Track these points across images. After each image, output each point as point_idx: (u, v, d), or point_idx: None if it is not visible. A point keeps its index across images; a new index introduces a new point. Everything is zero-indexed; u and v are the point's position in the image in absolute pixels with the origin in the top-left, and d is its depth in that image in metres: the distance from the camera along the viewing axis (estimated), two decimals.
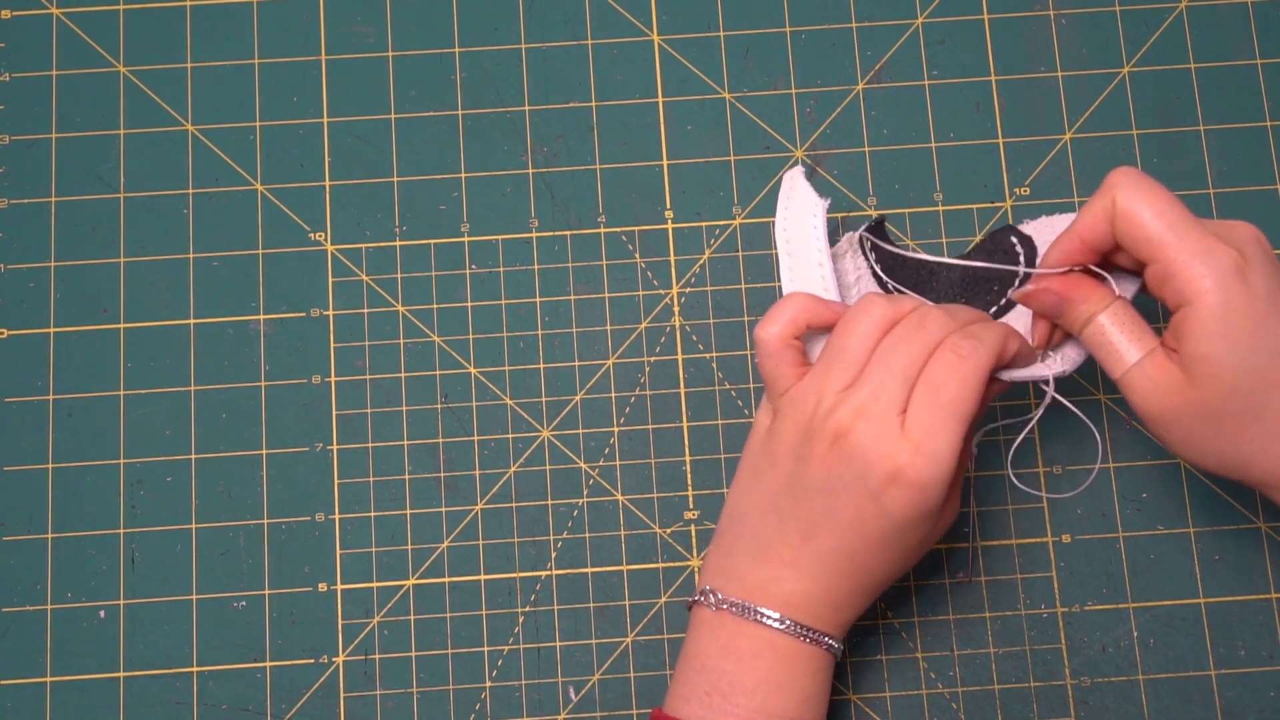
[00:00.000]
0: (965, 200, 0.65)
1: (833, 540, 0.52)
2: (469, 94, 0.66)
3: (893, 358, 0.51)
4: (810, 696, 0.53)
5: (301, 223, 0.65)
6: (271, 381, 0.63)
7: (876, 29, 0.67)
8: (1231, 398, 0.49)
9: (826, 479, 0.51)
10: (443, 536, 0.62)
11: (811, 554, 0.52)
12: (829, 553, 0.52)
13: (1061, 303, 0.52)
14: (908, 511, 0.50)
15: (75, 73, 0.66)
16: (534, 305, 0.64)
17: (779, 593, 0.53)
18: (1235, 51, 0.66)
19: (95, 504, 0.62)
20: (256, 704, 0.60)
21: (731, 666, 0.53)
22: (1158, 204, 0.49)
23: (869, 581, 0.53)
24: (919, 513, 0.50)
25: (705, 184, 0.65)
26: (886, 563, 0.53)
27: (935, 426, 0.50)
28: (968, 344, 0.51)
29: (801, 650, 0.53)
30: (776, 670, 0.53)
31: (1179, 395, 0.50)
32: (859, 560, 0.52)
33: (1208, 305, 0.48)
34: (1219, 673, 0.60)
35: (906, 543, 0.52)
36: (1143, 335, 0.51)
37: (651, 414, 0.63)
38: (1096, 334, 0.52)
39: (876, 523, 0.51)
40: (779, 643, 0.53)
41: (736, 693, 0.53)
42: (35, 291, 0.64)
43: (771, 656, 0.53)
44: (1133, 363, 0.51)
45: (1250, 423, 0.49)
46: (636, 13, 0.67)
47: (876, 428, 0.50)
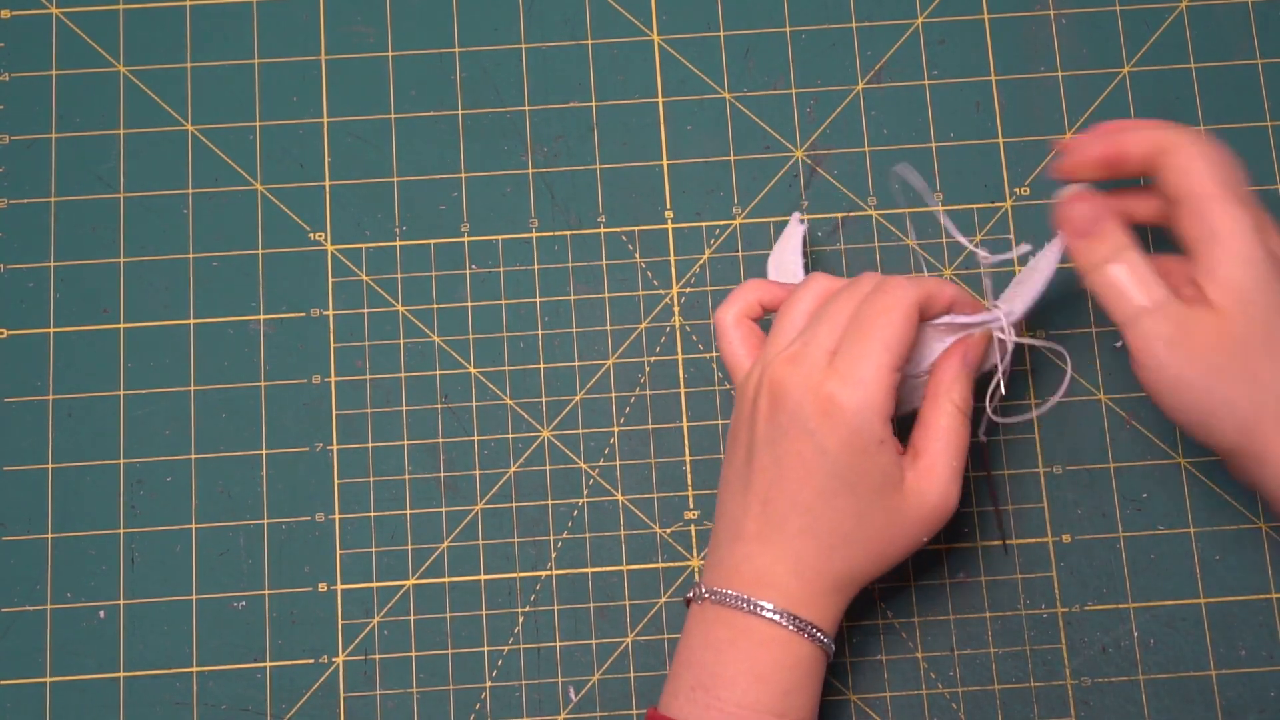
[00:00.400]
0: (965, 200, 0.65)
1: (786, 496, 0.52)
2: (469, 94, 0.66)
3: (825, 311, 0.53)
4: (791, 690, 0.52)
5: (301, 223, 0.65)
6: (271, 381, 0.63)
7: (876, 29, 0.67)
8: (1252, 324, 0.50)
9: (769, 432, 0.52)
10: (443, 536, 0.62)
11: (772, 520, 0.52)
12: (786, 512, 0.52)
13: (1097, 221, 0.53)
14: (841, 443, 0.51)
15: (75, 72, 0.66)
16: (534, 305, 0.64)
17: (749, 571, 0.53)
18: (1235, 51, 0.66)
19: (95, 504, 0.62)
20: (256, 704, 0.60)
21: (712, 658, 0.53)
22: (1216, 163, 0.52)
23: (833, 543, 0.52)
24: (852, 443, 0.51)
25: (705, 184, 0.65)
26: (846, 516, 0.52)
27: (859, 354, 0.51)
28: (894, 284, 0.53)
29: (775, 636, 0.52)
30: (753, 660, 0.52)
31: (1201, 332, 0.51)
32: (816, 514, 0.52)
33: (1239, 236, 0.50)
34: (1219, 673, 0.60)
35: (859, 490, 0.51)
36: (1155, 283, 0.52)
37: (651, 414, 0.63)
38: (1111, 275, 0.53)
39: (819, 463, 0.51)
40: (753, 629, 0.52)
41: (718, 685, 0.52)
42: (35, 291, 0.64)
43: (747, 644, 0.52)
44: (1152, 303, 0.52)
45: (1267, 356, 0.50)
46: (636, 13, 0.67)
47: (806, 368, 0.52)
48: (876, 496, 0.52)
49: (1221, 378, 0.51)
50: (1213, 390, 0.51)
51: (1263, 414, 0.51)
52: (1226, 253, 0.50)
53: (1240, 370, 0.51)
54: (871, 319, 0.52)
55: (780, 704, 0.52)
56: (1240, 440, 0.52)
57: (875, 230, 0.64)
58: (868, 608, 0.61)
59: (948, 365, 0.55)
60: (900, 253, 0.64)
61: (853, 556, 0.53)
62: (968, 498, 0.62)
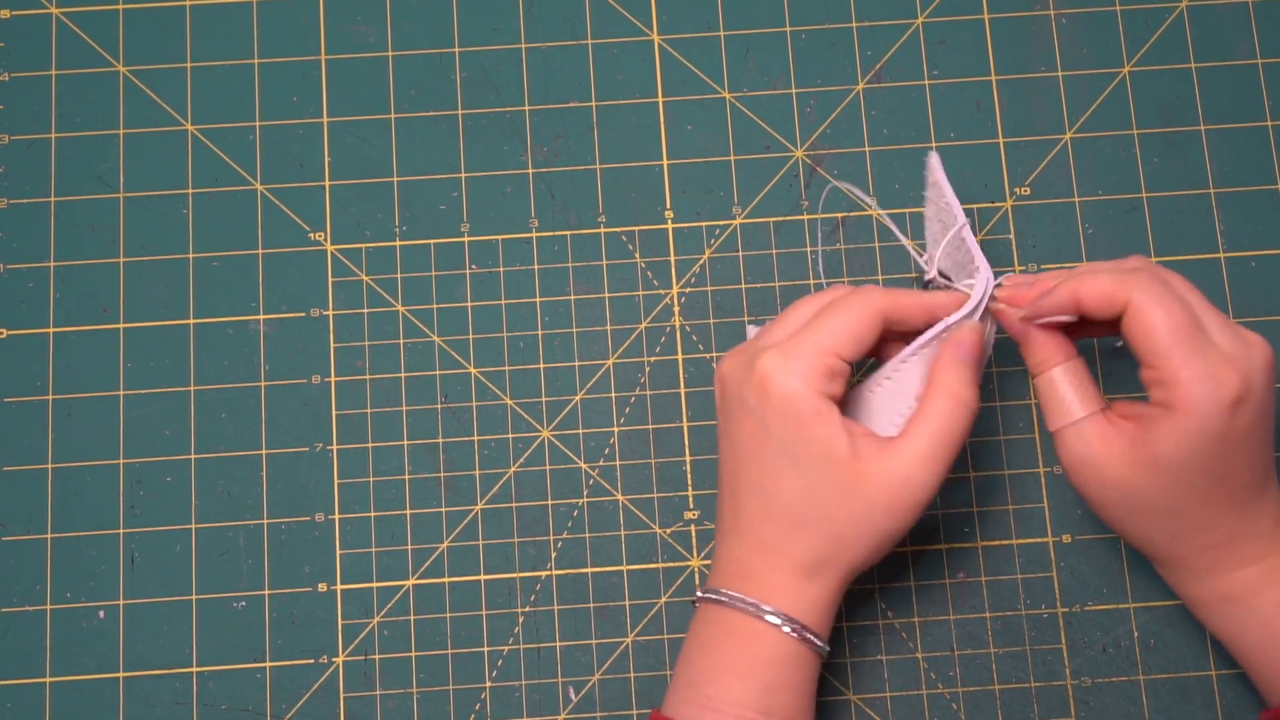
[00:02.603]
0: (965, 200, 0.65)
1: (744, 480, 0.53)
2: (469, 94, 0.66)
3: (784, 314, 0.56)
4: (775, 687, 0.52)
5: (301, 223, 0.65)
6: (271, 381, 0.63)
7: (876, 29, 0.67)
8: (1165, 493, 0.52)
9: (724, 422, 0.55)
10: (443, 536, 0.62)
11: (739, 509, 0.54)
12: (745, 497, 0.53)
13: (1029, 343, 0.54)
14: (778, 416, 0.52)
15: (75, 72, 0.66)
16: (534, 305, 0.64)
17: (730, 565, 0.54)
18: (1235, 51, 0.66)
19: (95, 504, 0.62)
20: (256, 704, 0.60)
21: (699, 655, 0.53)
22: (1174, 316, 0.50)
23: (791, 523, 0.52)
24: (788, 415, 0.52)
25: (705, 184, 0.65)
26: (796, 492, 0.52)
27: (802, 338, 0.53)
28: (863, 290, 0.54)
29: (752, 630, 0.52)
30: (732, 655, 0.52)
31: (1114, 465, 0.52)
32: (769, 493, 0.52)
33: (1189, 423, 0.50)
34: (1219, 673, 0.60)
35: (803, 464, 0.52)
36: (1090, 397, 0.53)
37: (651, 414, 0.63)
38: (1048, 383, 0.54)
39: (764, 440, 0.52)
40: (734, 624, 0.53)
41: (704, 681, 0.53)
42: (35, 291, 0.64)
43: (727, 640, 0.53)
44: (1076, 419, 0.53)
45: (1167, 517, 0.52)
46: (636, 13, 0.67)
47: (749, 355, 0.54)
48: (822, 471, 0.52)
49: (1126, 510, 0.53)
50: (1113, 517, 0.53)
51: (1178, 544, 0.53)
52: (1168, 430, 0.50)
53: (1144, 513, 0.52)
54: (828, 315, 0.53)
55: (763, 700, 0.52)
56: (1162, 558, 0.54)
57: (875, 230, 0.64)
58: (868, 608, 0.61)
59: (941, 356, 0.55)
60: (900, 252, 0.64)
61: (812, 537, 0.52)
62: (967, 498, 0.62)
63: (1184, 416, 0.50)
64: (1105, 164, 0.65)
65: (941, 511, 0.62)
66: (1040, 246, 0.64)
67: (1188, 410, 0.50)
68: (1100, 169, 0.65)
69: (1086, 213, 0.64)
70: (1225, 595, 0.53)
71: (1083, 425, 0.53)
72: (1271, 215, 0.64)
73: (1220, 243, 0.64)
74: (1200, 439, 0.50)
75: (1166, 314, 0.50)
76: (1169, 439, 0.50)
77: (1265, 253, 0.64)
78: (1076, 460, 0.53)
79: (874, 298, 0.54)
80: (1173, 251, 0.64)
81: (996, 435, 0.62)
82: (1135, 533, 0.54)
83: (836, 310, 0.53)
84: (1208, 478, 0.51)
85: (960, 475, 0.62)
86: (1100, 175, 0.65)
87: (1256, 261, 0.64)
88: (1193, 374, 0.50)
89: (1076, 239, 0.64)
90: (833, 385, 0.53)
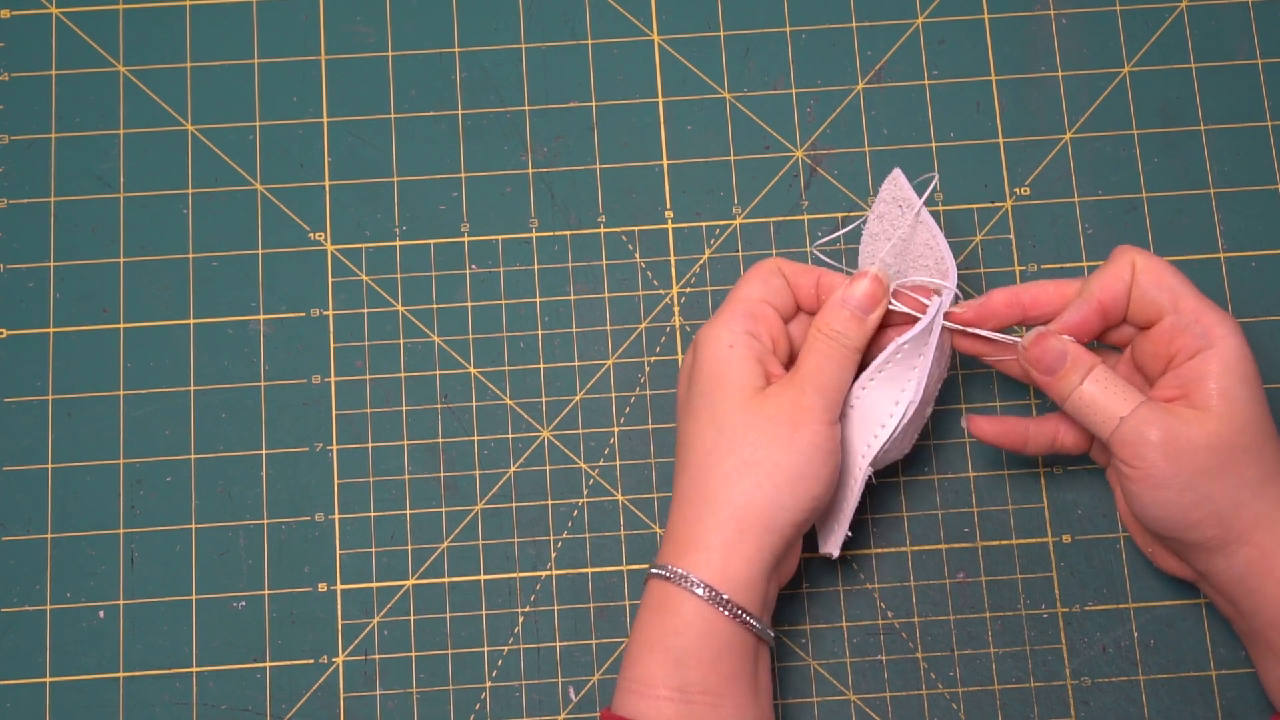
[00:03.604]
0: (965, 200, 0.65)
1: (677, 438, 0.56)
2: (469, 94, 0.66)
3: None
4: (686, 660, 0.51)
5: (301, 223, 0.65)
6: (271, 381, 0.63)
7: (876, 29, 0.67)
8: (1245, 431, 0.52)
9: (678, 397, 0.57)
10: (443, 536, 0.62)
11: (675, 468, 0.55)
12: (677, 446, 0.55)
13: (1063, 356, 0.54)
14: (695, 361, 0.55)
15: (75, 72, 0.66)
16: (534, 305, 0.64)
17: (665, 540, 0.54)
18: (1235, 51, 0.66)
19: (95, 504, 0.62)
20: (256, 704, 0.60)
21: (631, 637, 0.54)
22: (1171, 269, 0.54)
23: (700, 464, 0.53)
24: (702, 354, 0.55)
25: (705, 184, 0.65)
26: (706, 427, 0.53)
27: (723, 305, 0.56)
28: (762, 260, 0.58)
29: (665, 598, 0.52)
30: (646, 627, 0.52)
31: (1188, 433, 0.52)
32: (684, 440, 0.55)
33: (1230, 348, 0.53)
34: (1219, 673, 0.60)
35: (714, 397, 0.54)
36: (1129, 391, 0.54)
37: (651, 414, 0.63)
38: (1090, 390, 0.54)
39: (685, 387, 0.56)
40: (650, 592, 0.53)
41: (627, 663, 0.53)
42: (35, 291, 0.64)
43: (645, 612, 0.53)
44: (1131, 409, 0.53)
45: (1251, 463, 0.52)
46: (636, 13, 0.67)
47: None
48: (736, 403, 0.53)
49: (1205, 475, 0.52)
50: (1195, 486, 0.52)
51: (1240, 510, 0.52)
52: (1221, 362, 0.52)
53: (1221, 468, 0.52)
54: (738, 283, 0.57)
55: (674, 675, 0.51)
56: (1216, 534, 0.53)
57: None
58: (868, 608, 0.61)
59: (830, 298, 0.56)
60: None
61: (726, 478, 0.52)
62: (967, 498, 0.62)
63: (1223, 343, 0.52)
64: (1105, 164, 0.65)
65: (941, 511, 0.62)
66: (1040, 246, 0.64)
67: (1224, 334, 0.52)
68: (1100, 169, 0.65)
69: (1086, 213, 0.65)
70: None
71: (1140, 411, 0.53)
72: (1271, 215, 0.64)
73: (1220, 243, 0.64)
74: (1246, 361, 0.52)
75: (1167, 265, 0.54)
76: (1225, 370, 0.52)
77: (1265, 253, 0.64)
78: (1144, 448, 0.52)
79: (769, 261, 0.57)
80: (1173, 251, 0.64)
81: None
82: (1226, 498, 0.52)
83: (745, 276, 0.57)
84: (1262, 407, 0.53)
85: (960, 475, 0.62)
86: (1100, 175, 0.65)
87: (1256, 261, 0.64)
88: (1212, 305, 0.53)
89: (1076, 239, 0.64)
90: (755, 325, 0.55)
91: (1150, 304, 0.54)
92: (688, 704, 0.51)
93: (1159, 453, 0.52)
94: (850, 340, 0.55)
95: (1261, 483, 0.52)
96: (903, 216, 0.57)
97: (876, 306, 0.55)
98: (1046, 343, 0.54)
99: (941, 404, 0.63)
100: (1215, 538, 0.53)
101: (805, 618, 0.61)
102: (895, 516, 0.62)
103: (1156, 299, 0.54)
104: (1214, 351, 0.52)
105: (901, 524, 0.62)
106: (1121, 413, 0.53)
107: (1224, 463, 0.52)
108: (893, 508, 0.62)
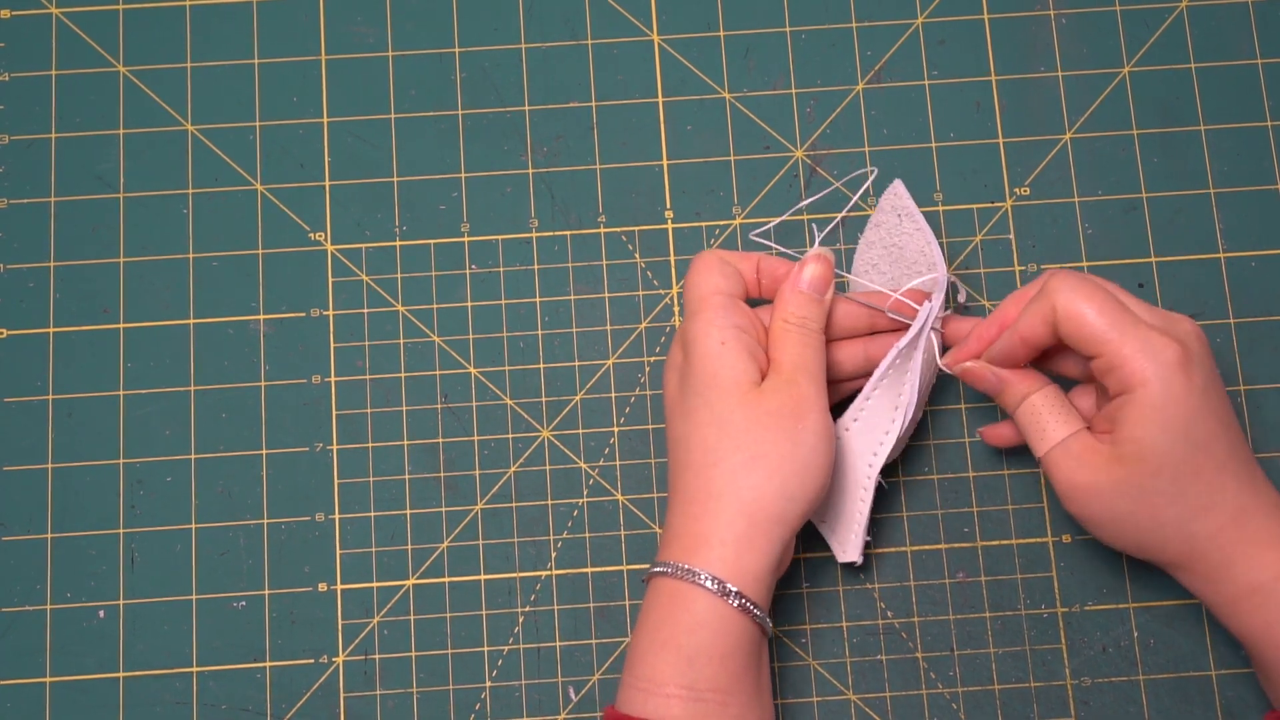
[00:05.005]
0: (965, 200, 0.65)
1: (669, 440, 0.55)
2: (469, 94, 0.66)
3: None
4: (697, 657, 0.51)
5: (301, 223, 0.65)
6: (271, 381, 0.63)
7: (876, 29, 0.67)
8: (1157, 477, 0.52)
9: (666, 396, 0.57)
10: (443, 536, 0.62)
11: (672, 467, 0.55)
12: (670, 451, 0.55)
13: (1001, 384, 0.56)
14: (687, 358, 0.55)
15: (75, 72, 0.66)
16: (534, 305, 0.64)
17: (666, 532, 0.54)
18: (1235, 51, 0.66)
19: (95, 504, 0.62)
20: (256, 704, 0.60)
21: (635, 634, 0.53)
22: (1098, 303, 0.52)
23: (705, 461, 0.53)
24: (695, 351, 0.54)
25: (705, 184, 0.65)
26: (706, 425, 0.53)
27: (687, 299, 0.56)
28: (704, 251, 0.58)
29: (675, 594, 0.52)
30: (656, 626, 0.52)
31: (1105, 472, 0.53)
32: (682, 439, 0.54)
33: (1149, 394, 0.51)
34: (1219, 673, 0.60)
35: (710, 396, 0.54)
36: (1069, 417, 0.55)
37: (651, 414, 0.63)
38: (1028, 412, 0.55)
39: (677, 385, 0.56)
40: (658, 588, 0.53)
41: (633, 662, 0.53)
42: (35, 291, 0.64)
43: (654, 611, 0.53)
44: (1060, 440, 0.54)
45: (1169, 504, 0.52)
46: (636, 13, 0.67)
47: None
48: (733, 399, 0.54)
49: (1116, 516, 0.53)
50: (1110, 522, 0.53)
51: (1166, 545, 0.53)
52: (1133, 410, 0.52)
53: (1133, 510, 0.53)
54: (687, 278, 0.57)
55: (685, 673, 0.51)
56: (1151, 558, 0.54)
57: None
58: (868, 608, 0.61)
59: (783, 287, 0.57)
60: None
61: (733, 474, 0.53)
62: (967, 498, 0.62)
63: (1142, 389, 0.51)
64: (1105, 164, 0.65)
65: (941, 511, 0.62)
66: (1040, 246, 0.64)
67: (1142, 380, 0.51)
68: (1100, 169, 0.65)
69: (1086, 213, 0.64)
70: (1252, 586, 0.52)
71: (1069, 443, 0.54)
72: (1271, 215, 0.64)
73: (1220, 243, 0.64)
74: (1166, 405, 0.51)
75: (1091, 301, 0.52)
76: (1140, 417, 0.51)
77: (1265, 253, 0.64)
78: (1070, 478, 0.54)
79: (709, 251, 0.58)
80: (1173, 251, 0.64)
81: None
82: (1147, 536, 0.53)
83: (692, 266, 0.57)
84: (1190, 446, 0.51)
85: (960, 475, 0.62)
86: (1100, 175, 0.65)
87: (1256, 261, 0.64)
88: (1133, 347, 0.51)
89: (1076, 239, 0.64)
90: (722, 318, 0.55)
91: (1081, 339, 0.53)
92: (697, 701, 0.51)
93: (1073, 489, 0.54)
94: (815, 323, 0.56)
95: (1185, 520, 0.52)
96: (900, 225, 0.59)
97: (829, 286, 0.57)
98: (975, 374, 0.57)
99: (942, 404, 0.63)
100: (1152, 559, 0.55)
101: (805, 618, 0.61)
102: (895, 516, 0.62)
103: (1079, 346, 0.53)
104: (1130, 398, 0.52)
105: (901, 524, 0.62)
106: (1055, 438, 0.54)
107: (1136, 505, 0.52)
108: (893, 508, 0.62)
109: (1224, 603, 0.54)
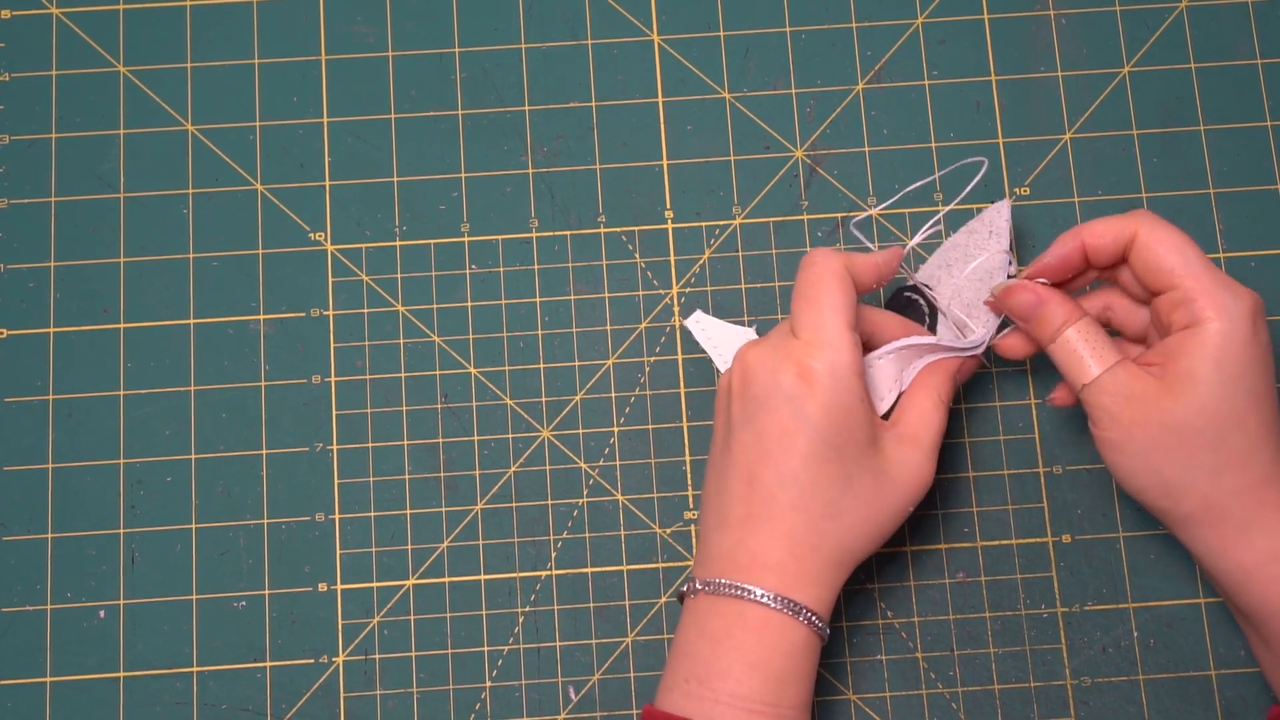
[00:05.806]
0: (965, 200, 0.65)
1: (770, 470, 0.53)
2: (469, 94, 0.66)
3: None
4: (787, 679, 0.52)
5: (301, 223, 0.65)
6: (271, 381, 0.63)
7: (876, 29, 0.67)
8: (1201, 415, 0.51)
9: (745, 410, 0.54)
10: (443, 536, 0.62)
11: (759, 498, 0.53)
12: (773, 488, 0.53)
13: (1039, 304, 0.55)
14: (823, 408, 0.53)
15: (75, 73, 0.66)
16: (534, 305, 0.64)
17: (742, 556, 0.53)
18: (1235, 51, 0.66)
19: (95, 504, 0.62)
20: (256, 704, 0.60)
21: (707, 649, 0.53)
22: (1182, 239, 0.53)
23: (825, 513, 0.53)
24: (835, 405, 0.53)
25: (705, 184, 0.65)
26: (835, 482, 0.53)
27: (816, 323, 0.53)
28: (818, 254, 0.55)
29: (769, 621, 0.52)
30: (746, 647, 0.52)
31: (1151, 404, 0.52)
32: (802, 484, 0.53)
33: (1217, 330, 0.52)
34: (1219, 673, 0.60)
35: (845, 453, 0.53)
36: (1111, 348, 0.54)
37: (651, 414, 0.63)
38: (1069, 343, 0.55)
39: (800, 430, 0.53)
40: (747, 615, 0.53)
41: (712, 677, 0.52)
42: (35, 291, 0.64)
43: (741, 632, 0.52)
44: (1107, 367, 0.53)
45: (1205, 447, 0.52)
46: (636, 13, 0.67)
47: (772, 342, 0.55)
48: (862, 458, 0.53)
49: (1157, 449, 0.52)
50: (1146, 457, 0.53)
51: (1190, 491, 0.52)
52: (1195, 344, 0.52)
53: (1173, 446, 0.52)
54: (810, 287, 0.54)
55: (775, 693, 0.52)
56: (1168, 506, 0.53)
57: (875, 230, 0.64)
58: (868, 608, 0.61)
59: (940, 366, 0.57)
60: None
61: (845, 528, 0.53)
62: (967, 498, 0.62)
63: (1213, 324, 0.52)
64: (1105, 164, 0.65)
65: (941, 511, 0.62)
66: (1040, 246, 0.64)
67: (1218, 314, 0.52)
68: (1100, 169, 0.65)
69: (1086, 213, 0.65)
70: (1271, 554, 0.52)
71: (1116, 372, 0.53)
72: (1271, 215, 0.65)
73: (1220, 243, 0.64)
74: (1231, 346, 0.51)
75: (1177, 236, 0.53)
76: (1201, 352, 0.52)
77: (1265, 253, 0.64)
78: (1112, 407, 0.53)
79: (836, 260, 0.55)
80: None
81: (996, 435, 0.62)
82: (1175, 478, 0.52)
83: (825, 284, 0.54)
84: (1242, 394, 0.51)
85: (960, 475, 0.62)
86: (1100, 175, 0.65)
87: (1256, 261, 0.64)
88: (1215, 283, 0.52)
89: None
90: (859, 358, 0.54)
91: (1156, 271, 0.53)
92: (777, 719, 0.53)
93: (1117, 419, 0.53)
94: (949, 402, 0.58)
95: (1218, 469, 0.52)
96: (987, 241, 0.60)
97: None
98: (1014, 291, 0.56)
99: None
100: (1169, 510, 0.53)
101: None
102: None
103: (1162, 267, 0.53)
104: (1194, 332, 0.52)
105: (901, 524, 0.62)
106: (1096, 370, 0.54)
107: (1177, 441, 0.52)
108: None
109: (1235, 569, 0.52)
